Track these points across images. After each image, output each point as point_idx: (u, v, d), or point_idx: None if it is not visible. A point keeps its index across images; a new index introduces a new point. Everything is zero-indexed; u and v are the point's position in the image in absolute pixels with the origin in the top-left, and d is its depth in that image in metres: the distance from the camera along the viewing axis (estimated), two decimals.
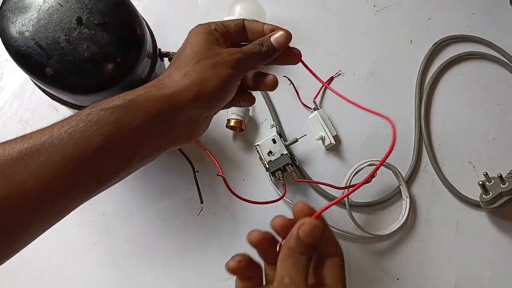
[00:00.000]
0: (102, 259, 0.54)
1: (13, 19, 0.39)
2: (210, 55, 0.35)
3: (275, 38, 0.38)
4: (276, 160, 0.56)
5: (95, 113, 0.31)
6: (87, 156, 0.29)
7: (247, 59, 0.36)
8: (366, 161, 0.56)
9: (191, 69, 0.34)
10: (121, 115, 0.31)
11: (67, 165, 0.29)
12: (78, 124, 0.30)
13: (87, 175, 0.30)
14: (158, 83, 0.34)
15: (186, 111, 0.34)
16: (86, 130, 0.30)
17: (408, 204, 0.58)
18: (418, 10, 0.68)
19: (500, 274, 0.58)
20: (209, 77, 0.34)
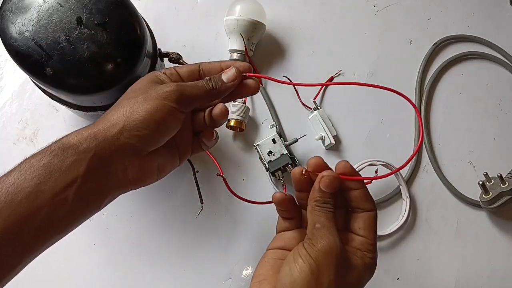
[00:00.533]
0: (102, 259, 0.54)
1: (13, 19, 0.39)
2: (145, 91, 0.35)
3: (226, 74, 0.37)
4: (276, 160, 0.56)
5: (27, 162, 0.31)
6: (19, 205, 0.29)
7: (189, 92, 0.35)
8: (366, 161, 0.56)
9: (122, 105, 0.34)
10: (51, 159, 0.31)
11: (1, 214, 0.28)
12: (11, 173, 0.30)
13: (22, 223, 0.29)
14: (92, 124, 0.34)
15: (117, 147, 0.33)
16: (17, 178, 0.30)
17: (408, 204, 0.58)
18: (418, 10, 0.68)
19: (500, 274, 0.58)
20: (137, 110, 0.33)
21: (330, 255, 0.31)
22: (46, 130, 0.58)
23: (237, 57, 0.60)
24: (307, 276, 0.30)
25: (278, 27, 0.65)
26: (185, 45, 0.63)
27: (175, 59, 0.51)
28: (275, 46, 0.64)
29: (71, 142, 0.32)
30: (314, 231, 0.33)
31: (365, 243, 0.34)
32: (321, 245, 0.31)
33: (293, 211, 0.38)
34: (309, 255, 0.31)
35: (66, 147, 0.31)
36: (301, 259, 0.31)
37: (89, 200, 0.32)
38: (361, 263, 0.33)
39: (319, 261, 0.31)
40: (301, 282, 0.30)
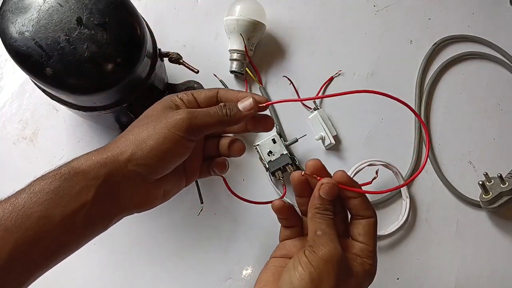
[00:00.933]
0: (102, 259, 0.54)
1: (13, 19, 0.39)
2: (157, 118, 0.35)
3: (243, 103, 0.36)
4: (276, 160, 0.56)
5: (37, 184, 0.31)
6: (29, 228, 0.29)
7: (200, 120, 0.34)
8: (366, 161, 0.56)
9: (133, 132, 0.34)
10: (61, 183, 0.31)
11: (11, 237, 0.29)
12: (21, 195, 0.31)
13: (32, 246, 0.30)
14: (102, 148, 0.34)
15: (124, 174, 0.33)
16: (27, 201, 0.30)
17: (408, 204, 0.58)
18: (418, 10, 0.68)
19: (500, 274, 0.58)
20: (145, 138, 0.33)
21: (331, 262, 0.31)
22: (46, 130, 0.58)
23: (237, 57, 0.60)
24: (307, 284, 0.31)
25: (278, 27, 0.65)
26: (185, 45, 0.63)
27: (175, 59, 0.51)
28: (275, 46, 0.64)
29: (81, 168, 0.32)
30: (315, 238, 0.33)
31: (365, 250, 0.34)
32: (322, 252, 0.32)
33: (293, 219, 0.39)
34: (310, 262, 0.31)
35: (76, 172, 0.32)
36: (301, 267, 0.31)
37: (96, 224, 0.33)
38: (360, 269, 0.33)
39: (320, 268, 0.31)
40: (301, 285, 0.31)
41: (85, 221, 0.32)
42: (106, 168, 0.32)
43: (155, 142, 0.33)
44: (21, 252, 0.29)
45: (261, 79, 0.62)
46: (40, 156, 0.57)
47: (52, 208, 0.30)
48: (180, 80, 0.60)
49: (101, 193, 0.32)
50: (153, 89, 0.50)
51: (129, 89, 0.46)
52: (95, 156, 0.33)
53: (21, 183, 0.58)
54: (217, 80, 0.61)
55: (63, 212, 0.31)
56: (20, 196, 0.31)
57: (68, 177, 0.31)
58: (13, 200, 0.30)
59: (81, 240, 0.33)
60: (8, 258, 0.29)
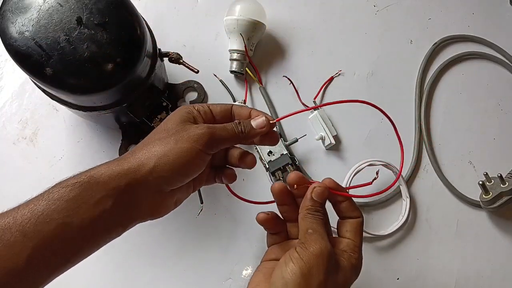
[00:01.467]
0: (102, 259, 0.54)
1: (13, 19, 0.39)
2: (177, 130, 0.36)
3: (256, 121, 0.38)
4: (276, 160, 0.56)
5: (56, 191, 0.32)
6: (47, 235, 0.30)
7: (218, 135, 0.36)
8: (366, 161, 0.56)
9: (154, 145, 0.35)
10: (80, 192, 0.32)
11: (30, 243, 0.30)
12: (40, 202, 0.31)
13: (49, 252, 0.30)
14: (121, 159, 0.35)
15: (144, 185, 0.34)
16: (47, 208, 0.31)
17: (408, 204, 0.58)
18: (418, 10, 0.68)
19: (500, 274, 0.58)
20: (167, 152, 0.34)
21: (321, 257, 0.33)
22: (46, 130, 0.58)
23: (237, 57, 0.60)
24: (298, 278, 0.32)
25: (278, 27, 0.65)
26: (185, 45, 0.63)
27: (175, 59, 0.51)
28: (275, 46, 0.64)
29: (101, 177, 0.33)
30: (307, 235, 0.35)
31: (351, 245, 0.36)
32: (313, 248, 0.33)
33: (278, 226, 0.41)
34: (301, 258, 0.33)
35: (96, 181, 0.32)
36: (292, 262, 0.33)
37: (112, 231, 0.34)
38: (347, 264, 0.35)
39: (310, 263, 0.32)
40: (292, 284, 0.32)
41: (102, 229, 0.33)
42: (126, 179, 0.33)
43: (177, 156, 0.34)
44: (38, 258, 0.30)
45: (261, 79, 0.62)
46: (40, 156, 0.57)
47: (71, 216, 0.31)
48: (180, 80, 0.60)
49: (120, 202, 0.33)
50: (153, 89, 0.50)
51: (129, 89, 0.46)
52: (115, 166, 0.34)
53: (21, 183, 0.58)
54: (217, 80, 0.61)
55: (82, 220, 0.31)
56: (39, 202, 0.31)
57: (87, 186, 0.32)
58: (32, 206, 0.31)
59: (97, 246, 0.34)
60: (26, 263, 0.29)
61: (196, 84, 0.60)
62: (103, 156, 0.57)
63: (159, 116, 0.51)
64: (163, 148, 0.34)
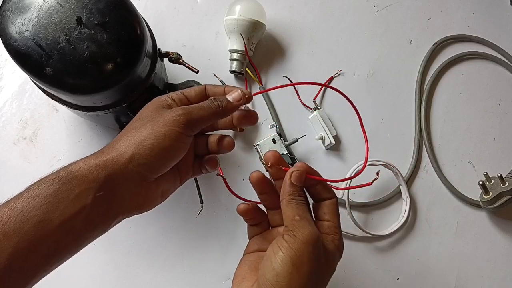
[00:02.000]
0: (102, 259, 0.54)
1: (13, 19, 0.39)
2: (153, 117, 0.35)
3: (231, 95, 0.38)
4: None
5: (35, 188, 0.31)
6: (27, 232, 0.29)
7: (195, 114, 0.35)
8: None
9: (131, 134, 0.35)
10: (59, 187, 0.31)
11: (10, 241, 0.29)
12: (19, 199, 0.30)
13: (30, 249, 0.30)
14: (100, 151, 0.34)
15: (125, 175, 0.33)
16: (26, 205, 0.30)
17: (408, 204, 0.58)
18: (418, 10, 0.68)
19: (500, 274, 0.58)
20: (145, 138, 0.34)
21: (311, 244, 0.32)
22: (46, 130, 0.58)
23: (237, 57, 0.60)
24: (289, 267, 0.31)
25: (278, 27, 0.65)
26: (185, 45, 0.63)
27: (175, 59, 0.51)
28: (275, 46, 0.64)
29: (80, 171, 0.32)
30: (294, 222, 0.34)
31: (331, 226, 0.36)
32: (302, 236, 0.33)
33: (259, 217, 0.41)
34: (290, 247, 0.32)
35: (74, 175, 0.32)
36: (281, 252, 0.32)
37: (96, 226, 0.33)
38: (332, 246, 0.35)
39: (300, 251, 0.32)
40: (284, 274, 0.31)
41: (84, 224, 0.32)
42: (106, 170, 0.32)
43: (156, 141, 0.33)
44: (20, 257, 0.29)
45: (261, 79, 0.62)
46: (40, 156, 0.57)
47: (50, 212, 0.30)
48: (180, 80, 0.60)
49: (101, 195, 0.32)
50: (153, 89, 0.50)
51: (129, 89, 0.46)
52: (94, 159, 0.33)
53: (21, 183, 0.58)
54: (217, 80, 0.61)
55: (62, 215, 0.30)
56: (18, 200, 0.30)
57: (66, 181, 0.31)
58: (11, 205, 0.30)
59: (81, 242, 0.33)
60: (7, 263, 0.29)
61: (196, 84, 0.60)
62: None
63: None
64: (141, 135, 0.34)
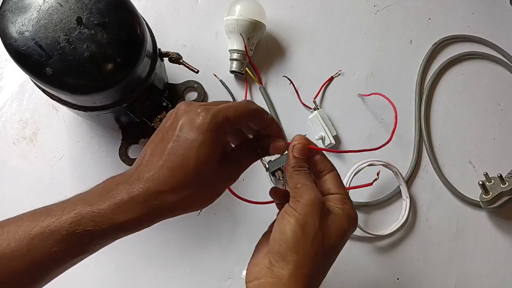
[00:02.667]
0: (102, 259, 0.54)
1: (13, 19, 0.39)
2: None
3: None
4: (276, 160, 0.55)
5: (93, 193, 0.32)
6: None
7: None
8: (366, 161, 0.56)
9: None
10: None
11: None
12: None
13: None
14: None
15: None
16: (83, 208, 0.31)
17: (408, 204, 0.58)
18: (418, 10, 0.68)
19: (500, 274, 0.58)
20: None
21: (313, 205, 0.34)
22: (46, 130, 0.58)
23: (237, 57, 0.60)
24: (295, 227, 0.33)
25: (278, 27, 0.65)
26: (185, 45, 0.63)
27: (175, 59, 0.51)
28: (275, 46, 0.64)
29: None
30: (296, 190, 0.35)
31: (340, 198, 0.36)
32: (304, 199, 0.34)
33: (286, 197, 0.40)
34: (295, 210, 0.34)
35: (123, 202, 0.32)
36: (287, 215, 0.34)
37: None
38: (342, 213, 0.35)
39: (304, 212, 0.33)
40: (290, 233, 0.33)
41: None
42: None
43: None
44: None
45: (261, 79, 0.62)
46: (40, 156, 0.57)
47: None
48: (180, 80, 0.60)
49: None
50: (153, 89, 0.50)
51: (129, 89, 0.46)
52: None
53: (21, 183, 0.58)
54: (217, 80, 0.61)
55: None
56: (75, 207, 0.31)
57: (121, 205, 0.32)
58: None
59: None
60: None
61: (196, 84, 0.60)
62: (103, 156, 0.57)
63: (159, 116, 0.51)
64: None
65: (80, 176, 0.56)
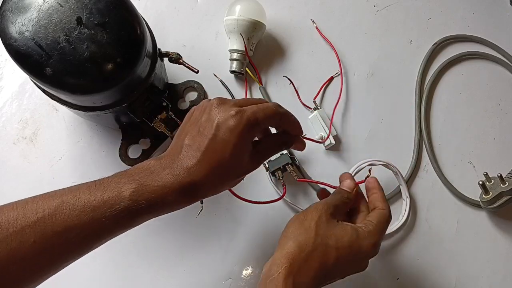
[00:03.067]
0: (102, 259, 0.54)
1: (13, 19, 0.39)
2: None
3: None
4: (276, 160, 0.55)
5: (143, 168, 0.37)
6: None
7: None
8: (366, 161, 0.56)
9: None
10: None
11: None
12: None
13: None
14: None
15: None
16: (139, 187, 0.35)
17: (408, 204, 0.58)
18: (418, 10, 0.68)
19: (500, 274, 0.58)
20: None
21: (316, 210, 0.40)
22: (46, 130, 0.58)
23: (237, 57, 0.60)
24: (295, 221, 0.41)
25: (278, 27, 0.65)
26: (185, 45, 0.63)
27: (175, 59, 0.51)
28: (275, 46, 0.64)
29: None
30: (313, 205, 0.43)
31: (363, 215, 0.44)
32: (311, 207, 0.41)
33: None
34: (301, 212, 0.41)
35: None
36: (294, 216, 0.41)
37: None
38: (362, 229, 0.40)
39: (306, 213, 0.41)
40: (290, 224, 0.41)
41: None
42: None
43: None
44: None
45: (261, 79, 0.62)
46: (40, 156, 0.57)
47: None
48: (180, 80, 0.60)
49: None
50: (153, 89, 0.50)
51: (129, 89, 0.46)
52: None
53: (21, 183, 0.58)
54: (217, 80, 0.61)
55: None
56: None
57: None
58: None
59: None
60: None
61: (196, 84, 0.60)
62: (103, 156, 0.57)
63: (159, 116, 0.51)
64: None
65: (80, 176, 0.56)
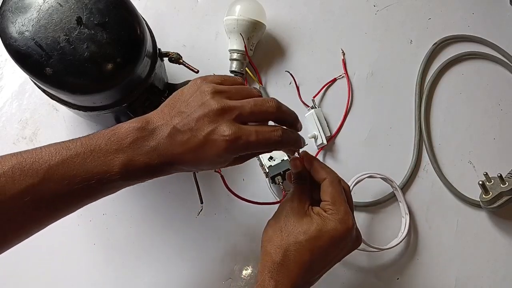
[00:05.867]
0: (102, 259, 0.54)
1: (13, 19, 0.39)
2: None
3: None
4: (276, 165, 0.55)
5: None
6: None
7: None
8: (366, 173, 0.56)
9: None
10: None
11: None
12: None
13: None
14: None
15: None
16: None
17: (408, 222, 0.57)
18: (418, 10, 0.68)
19: (500, 274, 0.58)
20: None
21: (282, 209, 0.41)
22: (46, 130, 0.58)
23: (237, 57, 0.60)
24: (267, 227, 0.42)
25: (278, 27, 0.65)
26: (185, 45, 0.63)
27: (175, 59, 0.51)
28: (275, 46, 0.64)
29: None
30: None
31: (325, 205, 0.41)
32: (278, 208, 0.43)
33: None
34: (272, 216, 0.42)
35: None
36: (268, 222, 0.42)
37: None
38: (328, 215, 0.40)
39: (275, 214, 0.42)
40: (265, 232, 0.42)
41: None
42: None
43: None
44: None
45: (261, 79, 0.62)
46: None
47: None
48: (180, 80, 0.60)
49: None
50: (153, 89, 0.50)
51: (129, 89, 0.46)
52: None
53: None
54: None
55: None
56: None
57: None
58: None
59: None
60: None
61: None
62: None
63: None
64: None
65: None
